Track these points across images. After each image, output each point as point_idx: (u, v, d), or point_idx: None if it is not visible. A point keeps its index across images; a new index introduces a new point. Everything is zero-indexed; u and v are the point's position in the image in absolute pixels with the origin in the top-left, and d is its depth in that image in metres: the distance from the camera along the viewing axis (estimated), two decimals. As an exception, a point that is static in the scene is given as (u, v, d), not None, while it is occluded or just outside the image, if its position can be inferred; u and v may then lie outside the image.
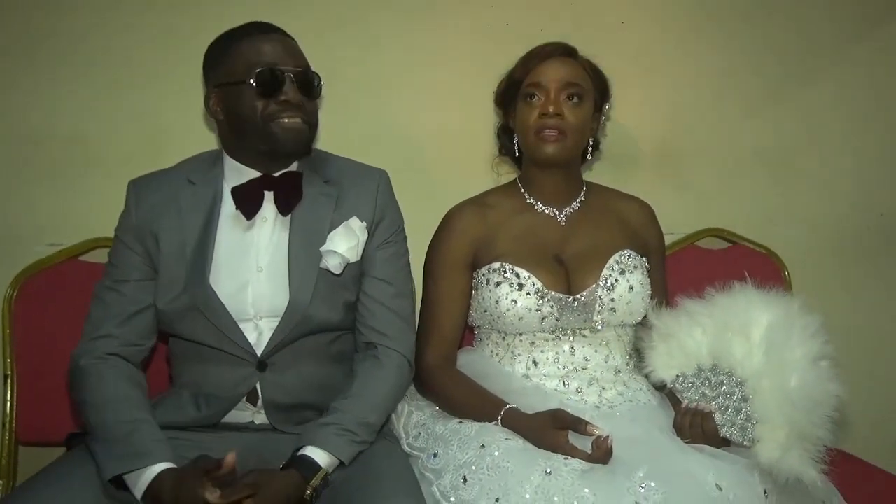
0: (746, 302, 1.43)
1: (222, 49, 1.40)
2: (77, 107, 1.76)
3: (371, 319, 1.45)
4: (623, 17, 1.96)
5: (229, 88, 1.37)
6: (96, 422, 1.28)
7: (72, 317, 1.51)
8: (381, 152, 1.68)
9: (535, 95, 1.52)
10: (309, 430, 1.33)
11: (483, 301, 1.53)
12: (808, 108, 2.05)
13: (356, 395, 1.37)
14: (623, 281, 1.52)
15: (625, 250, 1.56)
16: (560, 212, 1.59)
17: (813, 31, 2.04)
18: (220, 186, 1.42)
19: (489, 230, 1.56)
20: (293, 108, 1.36)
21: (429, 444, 1.39)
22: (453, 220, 1.58)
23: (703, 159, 2.03)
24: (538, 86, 1.52)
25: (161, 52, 1.77)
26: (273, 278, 1.39)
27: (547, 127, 1.50)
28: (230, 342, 1.37)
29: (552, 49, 1.55)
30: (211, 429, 1.40)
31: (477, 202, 1.61)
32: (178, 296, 1.37)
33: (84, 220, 1.72)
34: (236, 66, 1.36)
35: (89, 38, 1.76)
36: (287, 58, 1.37)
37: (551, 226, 1.57)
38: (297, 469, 1.26)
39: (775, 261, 1.95)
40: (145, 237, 1.39)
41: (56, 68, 1.75)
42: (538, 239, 1.55)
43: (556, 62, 1.53)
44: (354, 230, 1.41)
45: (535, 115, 1.51)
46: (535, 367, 1.51)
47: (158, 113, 1.78)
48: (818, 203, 2.08)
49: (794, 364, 1.33)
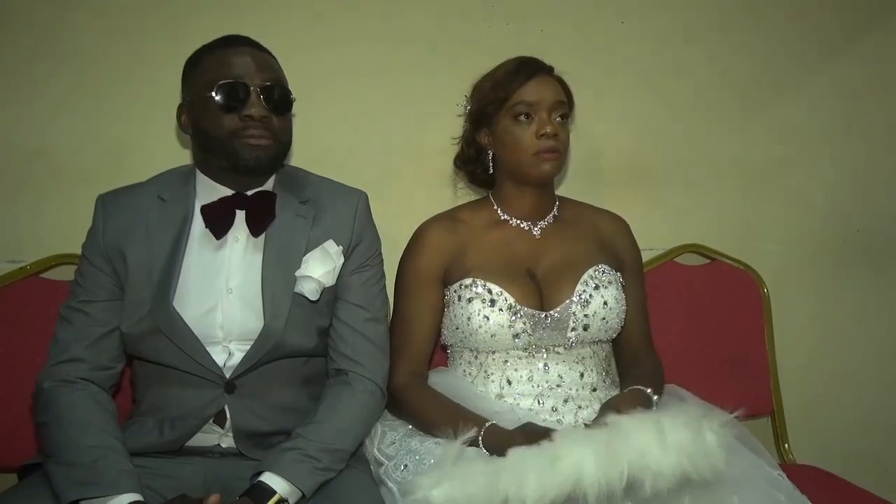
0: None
1: (194, 62, 1.37)
2: (38, 120, 1.71)
3: (343, 346, 1.41)
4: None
5: (196, 102, 1.34)
6: (60, 444, 1.23)
7: (34, 337, 1.47)
8: (354, 166, 1.65)
9: (527, 115, 1.50)
10: (269, 455, 1.28)
11: (455, 318, 1.51)
12: (785, 122, 2.05)
13: (321, 420, 1.32)
14: (597, 296, 1.50)
15: (599, 265, 1.54)
16: (534, 225, 1.58)
17: (789, 44, 2.04)
18: (191, 204, 1.38)
19: (460, 245, 1.55)
20: (258, 125, 1.31)
21: (399, 455, 1.36)
22: (424, 235, 1.57)
23: (681, 174, 2.01)
24: (530, 105, 1.50)
25: (125, 66, 1.72)
26: (244, 300, 1.35)
27: (547, 148, 1.48)
28: (196, 364, 1.33)
29: (536, 66, 1.54)
30: (174, 454, 1.36)
31: (448, 217, 1.60)
32: (143, 318, 1.32)
33: (46, 236, 1.67)
34: (203, 79, 1.33)
35: (51, 49, 1.71)
36: (254, 71, 1.33)
37: (525, 240, 1.56)
38: (252, 497, 1.21)
39: (754, 277, 1.94)
40: (113, 256, 1.35)
41: (15, 81, 1.70)
42: (511, 253, 1.54)
43: (543, 80, 1.52)
44: (331, 254, 1.38)
45: (529, 135, 1.49)
46: (510, 385, 1.49)
47: (122, 127, 1.74)
48: (795, 218, 2.08)
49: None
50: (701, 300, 1.89)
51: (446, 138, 1.73)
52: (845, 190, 2.09)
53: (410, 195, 1.85)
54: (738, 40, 2.01)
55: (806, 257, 2.09)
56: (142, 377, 1.41)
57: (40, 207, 1.71)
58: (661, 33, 1.97)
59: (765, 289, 1.93)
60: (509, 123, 1.52)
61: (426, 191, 1.85)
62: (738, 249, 1.98)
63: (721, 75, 2.01)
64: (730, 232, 2.03)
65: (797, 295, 2.04)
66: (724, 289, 1.92)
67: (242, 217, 1.36)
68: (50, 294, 1.50)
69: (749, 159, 2.05)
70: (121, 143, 1.74)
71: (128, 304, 1.34)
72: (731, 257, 1.96)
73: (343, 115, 1.83)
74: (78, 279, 1.38)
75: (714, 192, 2.04)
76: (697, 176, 2.03)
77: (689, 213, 2.02)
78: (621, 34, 1.95)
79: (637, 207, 1.87)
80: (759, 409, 1.89)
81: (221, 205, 1.36)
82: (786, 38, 2.03)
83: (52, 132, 1.72)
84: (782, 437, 1.89)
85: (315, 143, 1.75)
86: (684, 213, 2.02)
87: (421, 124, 1.86)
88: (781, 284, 1.98)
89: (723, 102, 2.02)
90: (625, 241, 1.64)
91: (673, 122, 2.01)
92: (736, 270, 1.94)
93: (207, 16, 1.70)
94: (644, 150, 2.00)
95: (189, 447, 1.36)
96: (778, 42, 2.03)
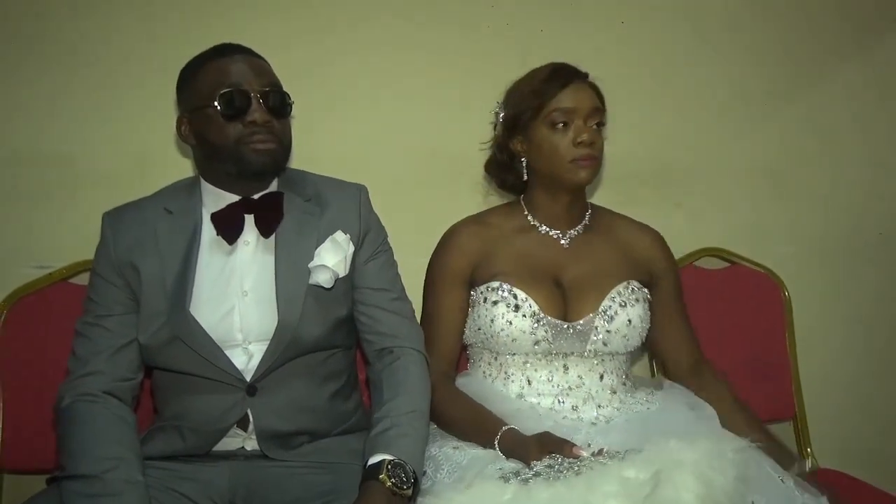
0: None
1: (190, 73, 1.38)
2: (62, 128, 1.74)
3: (378, 325, 1.43)
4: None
5: (197, 113, 1.35)
6: (74, 455, 1.24)
7: (61, 340, 1.47)
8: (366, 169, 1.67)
9: (564, 122, 1.49)
10: (367, 444, 1.31)
11: (478, 319, 1.52)
12: (803, 124, 2.05)
13: (390, 397, 1.34)
14: (623, 314, 1.51)
15: (629, 281, 1.54)
16: (563, 234, 1.58)
17: (806, 44, 2.03)
18: (199, 214, 1.40)
19: (488, 248, 1.56)
20: (262, 130, 1.34)
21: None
22: (452, 237, 1.59)
23: (699, 177, 2.01)
24: (567, 112, 1.49)
25: (147, 74, 1.75)
26: (260, 301, 1.36)
27: (584, 156, 1.48)
28: (216, 369, 1.34)
29: (571, 73, 1.53)
30: (200, 458, 1.37)
31: (477, 220, 1.61)
32: (160, 328, 1.34)
33: (72, 242, 1.69)
34: (202, 90, 1.34)
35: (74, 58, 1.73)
36: (252, 78, 1.35)
37: (552, 248, 1.56)
38: (366, 479, 1.24)
39: (775, 280, 1.93)
40: (125, 270, 1.37)
41: (41, 90, 1.73)
42: (538, 260, 1.54)
43: (579, 87, 1.51)
44: (341, 243, 1.40)
45: (566, 142, 1.49)
46: (529, 385, 1.50)
47: (144, 135, 1.76)
48: (816, 220, 2.07)
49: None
50: (721, 304, 1.88)
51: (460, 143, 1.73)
52: (866, 191, 2.08)
53: (426, 200, 1.86)
54: (753, 42, 2.01)
55: (827, 259, 2.07)
56: (162, 387, 1.43)
57: (66, 214, 1.73)
58: (671, 36, 1.97)
59: (786, 292, 1.92)
60: (546, 131, 1.51)
61: (441, 195, 1.86)
62: (758, 252, 1.97)
63: (738, 77, 2.01)
64: (749, 235, 2.02)
65: (818, 297, 2.02)
66: (745, 292, 1.91)
67: (251, 220, 1.38)
68: (77, 299, 1.51)
69: (767, 161, 2.04)
70: (144, 151, 1.76)
71: (144, 316, 1.35)
72: (751, 260, 1.95)
73: (358, 122, 1.85)
74: (91, 295, 1.39)
75: (732, 196, 2.03)
76: (715, 179, 2.02)
77: (707, 217, 2.02)
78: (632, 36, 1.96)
79: (655, 211, 1.85)
80: (782, 413, 1.88)
81: (230, 211, 1.38)
82: (803, 38, 2.03)
83: (76, 139, 1.74)
84: (805, 441, 1.88)
85: (329, 149, 1.77)
86: (703, 217, 2.01)
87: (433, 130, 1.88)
88: (802, 287, 1.96)
89: (740, 105, 2.02)
90: (659, 256, 1.63)
91: (689, 126, 2.00)
92: (756, 273, 1.93)
93: (228, 25, 1.72)
94: (661, 154, 1.99)
95: (214, 451, 1.38)
96: (796, 42, 2.03)
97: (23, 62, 1.72)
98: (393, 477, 1.22)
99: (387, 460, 1.24)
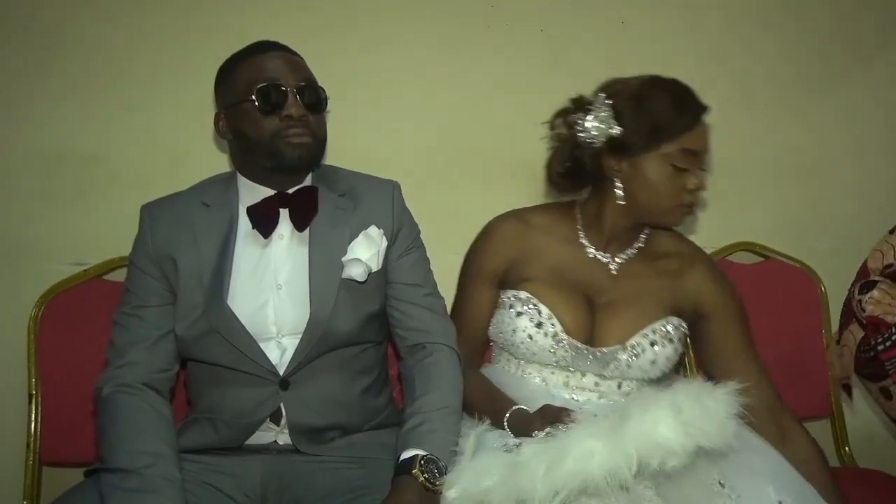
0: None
1: (227, 70, 1.41)
2: (96, 127, 1.76)
3: (410, 321, 1.44)
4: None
5: (234, 108, 1.37)
6: (113, 448, 1.26)
7: (97, 336, 1.51)
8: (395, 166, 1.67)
9: (687, 167, 1.38)
10: (399, 440, 1.32)
11: (500, 323, 1.49)
12: (839, 116, 2.02)
13: (422, 393, 1.36)
14: (650, 352, 1.42)
15: (668, 319, 1.45)
16: (613, 259, 1.49)
17: (844, 37, 2.00)
18: (235, 207, 1.42)
19: (526, 250, 1.50)
20: (298, 124, 1.35)
21: None
22: (492, 232, 1.54)
23: (733, 172, 1.98)
24: (694, 154, 1.38)
25: (179, 74, 1.77)
26: (293, 295, 1.37)
27: (691, 203, 1.40)
28: (251, 362, 1.35)
29: (700, 106, 1.40)
30: (234, 452, 1.38)
31: (521, 217, 1.53)
32: (197, 320, 1.35)
33: (107, 239, 1.72)
34: (239, 86, 1.37)
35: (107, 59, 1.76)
36: (288, 73, 1.37)
37: (598, 270, 1.48)
38: (398, 474, 1.25)
39: (810, 274, 1.90)
40: (163, 262, 1.38)
41: (74, 90, 1.75)
42: (575, 276, 1.47)
43: (705, 127, 1.40)
44: (374, 238, 1.41)
45: (679, 186, 1.38)
46: (546, 385, 1.47)
47: (176, 134, 1.78)
48: (851, 214, 2.04)
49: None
50: (755, 299, 1.83)
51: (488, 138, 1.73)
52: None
53: (456, 196, 1.86)
54: (787, 37, 1.99)
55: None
56: (196, 379, 1.44)
57: (100, 211, 1.76)
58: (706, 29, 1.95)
59: (822, 287, 1.89)
60: (660, 167, 1.38)
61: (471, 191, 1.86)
62: (793, 247, 1.94)
63: (772, 69, 1.98)
64: (783, 229, 2.00)
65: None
66: (779, 287, 1.88)
67: (286, 214, 1.40)
68: (113, 295, 1.53)
69: (801, 156, 2.02)
70: (176, 150, 1.79)
71: (181, 308, 1.37)
72: (786, 255, 1.92)
73: (386, 120, 1.86)
74: (129, 287, 1.41)
75: (766, 190, 2.01)
76: (749, 174, 2.00)
77: (741, 211, 2.00)
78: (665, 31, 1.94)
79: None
80: (818, 410, 1.85)
81: (266, 204, 1.39)
82: (837, 32, 2.00)
83: (109, 138, 1.77)
84: (842, 440, 1.85)
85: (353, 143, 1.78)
86: (736, 211, 1.99)
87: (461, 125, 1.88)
88: (838, 282, 1.92)
89: (773, 98, 2.00)
90: (711, 291, 1.49)
91: (722, 120, 1.95)
92: (791, 268, 1.91)
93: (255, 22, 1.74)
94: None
95: (246, 445, 1.39)
96: (830, 36, 2.00)
97: (58, 64, 1.75)
98: (426, 472, 1.23)
99: (419, 455, 1.25)
